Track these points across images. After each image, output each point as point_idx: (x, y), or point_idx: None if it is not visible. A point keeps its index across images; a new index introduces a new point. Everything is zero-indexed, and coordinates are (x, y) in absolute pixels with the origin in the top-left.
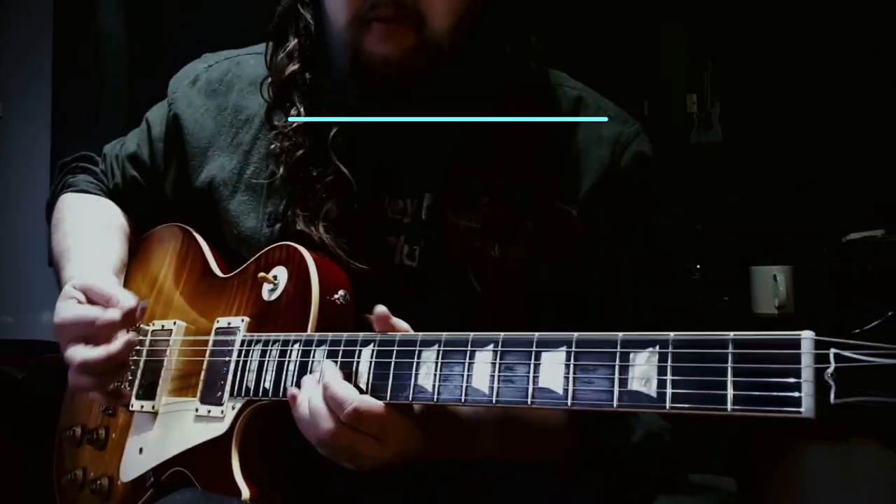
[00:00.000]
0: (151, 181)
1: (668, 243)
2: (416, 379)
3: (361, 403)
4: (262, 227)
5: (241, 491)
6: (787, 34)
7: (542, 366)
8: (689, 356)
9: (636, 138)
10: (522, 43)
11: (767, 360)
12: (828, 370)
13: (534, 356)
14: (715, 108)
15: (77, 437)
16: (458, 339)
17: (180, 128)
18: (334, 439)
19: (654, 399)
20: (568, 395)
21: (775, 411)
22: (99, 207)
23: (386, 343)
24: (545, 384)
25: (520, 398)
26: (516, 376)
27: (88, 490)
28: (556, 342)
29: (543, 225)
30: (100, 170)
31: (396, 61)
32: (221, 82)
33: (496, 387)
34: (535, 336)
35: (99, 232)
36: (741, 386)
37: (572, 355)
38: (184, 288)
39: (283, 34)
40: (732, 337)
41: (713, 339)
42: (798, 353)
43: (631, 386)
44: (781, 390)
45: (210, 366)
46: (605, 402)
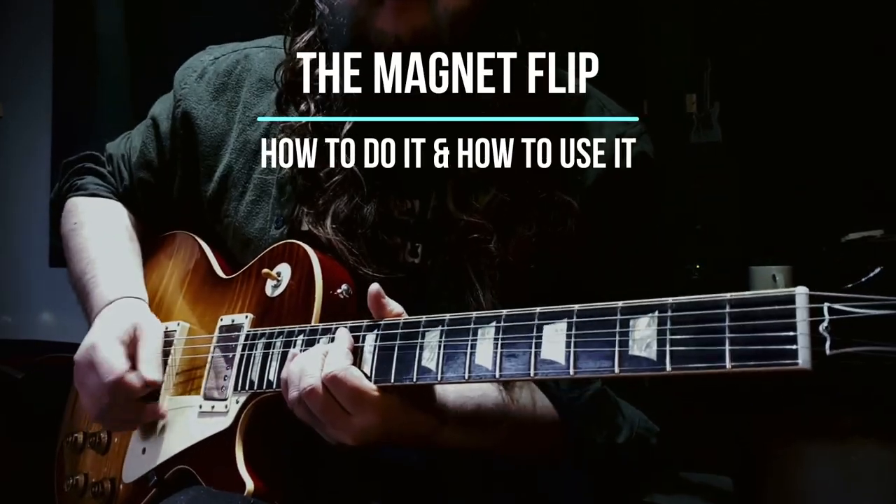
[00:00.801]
0: (160, 180)
1: (669, 243)
2: (420, 360)
3: (342, 371)
4: (270, 227)
5: (245, 483)
6: (787, 34)
7: (543, 338)
8: (687, 318)
9: (639, 137)
10: (529, 35)
11: (764, 316)
12: (822, 323)
13: (535, 329)
14: (715, 108)
15: (79, 443)
16: (462, 319)
17: (191, 126)
18: (309, 396)
19: (655, 362)
20: (570, 365)
21: (773, 365)
22: (115, 214)
23: (390, 327)
24: (547, 356)
25: (523, 371)
26: (519, 350)
27: (90, 493)
28: (558, 314)
29: (546, 223)
30: (107, 171)
31: (407, 41)
32: (230, 75)
33: (499, 362)
34: (537, 310)
35: (122, 244)
36: (739, 342)
37: (573, 325)
38: (187, 291)
39: (302, 21)
40: (729, 297)
41: (711, 300)
42: (793, 308)
43: (632, 351)
44: (778, 344)
45: (214, 363)
46: (606, 368)
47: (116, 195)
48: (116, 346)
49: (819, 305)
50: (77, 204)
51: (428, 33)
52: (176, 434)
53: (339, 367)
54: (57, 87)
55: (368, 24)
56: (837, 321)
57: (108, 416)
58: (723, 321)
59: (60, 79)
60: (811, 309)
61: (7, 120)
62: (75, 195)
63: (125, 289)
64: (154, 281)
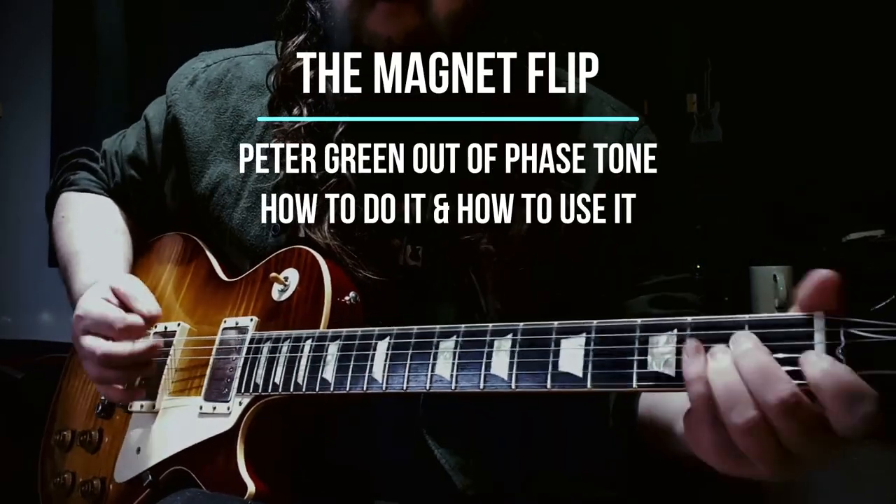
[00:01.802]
0: (150, 180)
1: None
2: (434, 369)
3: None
4: (268, 235)
5: (247, 486)
6: (788, 34)
7: (561, 351)
8: (707, 338)
9: (640, 129)
10: (524, 35)
11: (782, 338)
12: (839, 347)
13: (553, 343)
14: (715, 108)
15: (67, 441)
16: (478, 330)
17: (180, 132)
18: (790, 408)
19: (673, 378)
20: (588, 379)
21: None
22: (103, 209)
23: (403, 336)
24: (564, 368)
25: (538, 384)
26: (535, 362)
27: (79, 492)
28: (576, 329)
29: (549, 224)
30: (100, 167)
31: (400, 42)
32: (221, 83)
33: (514, 373)
34: (555, 325)
35: (107, 235)
36: None
37: (592, 340)
38: (188, 291)
39: (293, 25)
40: (748, 319)
41: (730, 321)
42: (811, 331)
43: (651, 367)
44: (796, 365)
45: (216, 364)
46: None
47: (108, 191)
48: (102, 303)
49: (836, 329)
50: (67, 198)
51: (421, 35)
52: (174, 434)
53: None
54: (56, 86)
55: (360, 27)
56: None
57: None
58: None
59: (60, 79)
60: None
61: (7, 120)
62: (67, 190)
63: (103, 272)
64: (153, 280)
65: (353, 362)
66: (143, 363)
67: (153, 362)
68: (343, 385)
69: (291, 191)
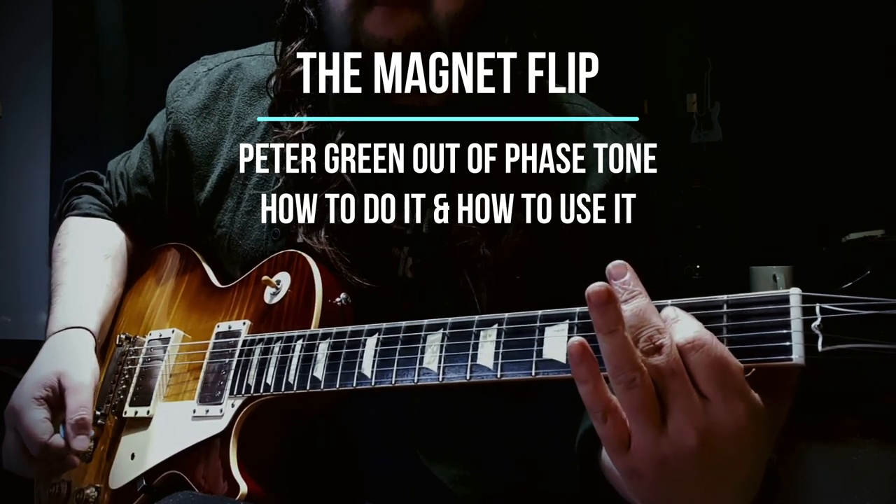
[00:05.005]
0: (158, 196)
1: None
2: (421, 362)
3: (705, 335)
4: (268, 240)
5: (240, 486)
6: (788, 34)
7: (545, 339)
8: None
9: (640, 145)
10: (524, 35)
11: (759, 315)
12: (815, 322)
13: (538, 331)
14: (715, 107)
15: None
16: (464, 322)
17: (182, 139)
18: (662, 365)
19: None
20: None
21: (769, 361)
22: (99, 234)
23: (391, 331)
24: (549, 355)
25: (524, 371)
26: (520, 350)
27: (74, 501)
28: (560, 317)
29: (546, 235)
30: (104, 189)
31: (400, 44)
32: (223, 84)
33: (500, 362)
34: (539, 313)
35: (94, 264)
36: (736, 341)
37: (576, 327)
38: (182, 299)
39: (291, 29)
40: (726, 298)
41: (709, 302)
42: (787, 308)
43: None
44: (773, 341)
45: (209, 368)
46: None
47: (112, 212)
48: (37, 409)
49: (812, 305)
50: (68, 224)
51: (421, 36)
52: (168, 439)
53: (698, 331)
54: (57, 87)
55: (359, 29)
56: (829, 320)
57: (36, 468)
58: (721, 321)
59: (60, 79)
60: (804, 308)
61: (7, 120)
62: (70, 215)
63: (75, 317)
64: (149, 290)
65: (342, 360)
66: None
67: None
68: (333, 383)
69: (291, 191)
